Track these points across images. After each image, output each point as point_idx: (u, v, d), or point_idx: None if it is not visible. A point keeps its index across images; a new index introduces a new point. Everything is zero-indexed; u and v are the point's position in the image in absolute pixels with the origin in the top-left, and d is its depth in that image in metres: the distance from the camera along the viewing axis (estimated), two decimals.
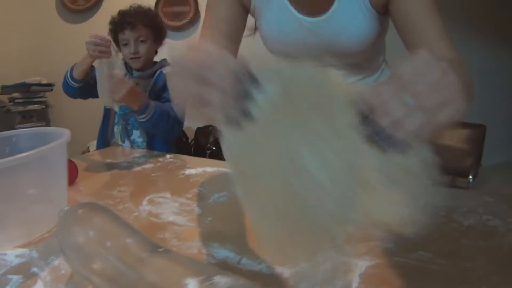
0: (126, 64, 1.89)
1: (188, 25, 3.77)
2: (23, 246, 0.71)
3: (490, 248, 0.69)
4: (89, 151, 2.94)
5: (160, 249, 0.52)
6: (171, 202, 0.93)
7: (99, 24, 3.77)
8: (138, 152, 1.55)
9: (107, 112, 1.90)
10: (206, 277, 0.43)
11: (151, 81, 1.82)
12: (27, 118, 3.58)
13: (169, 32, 3.41)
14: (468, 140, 2.72)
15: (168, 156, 1.43)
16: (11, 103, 3.48)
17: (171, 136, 1.82)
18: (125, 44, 1.80)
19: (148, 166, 1.31)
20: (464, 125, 2.77)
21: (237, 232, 0.74)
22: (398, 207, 0.43)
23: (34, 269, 0.62)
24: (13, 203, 0.72)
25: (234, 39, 1.10)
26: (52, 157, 0.77)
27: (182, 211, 0.88)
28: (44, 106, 3.66)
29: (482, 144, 2.68)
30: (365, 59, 1.12)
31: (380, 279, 0.58)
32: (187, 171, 1.21)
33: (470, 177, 2.58)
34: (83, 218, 0.60)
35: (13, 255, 0.68)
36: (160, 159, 1.39)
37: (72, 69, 1.69)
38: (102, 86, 1.52)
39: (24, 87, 3.47)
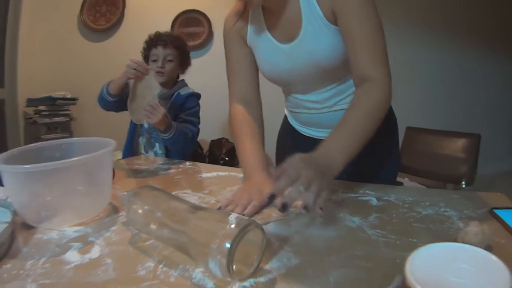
0: None
1: (202, 45, 3.96)
2: (78, 225, 0.91)
3: (438, 230, 0.85)
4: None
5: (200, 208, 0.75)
6: (192, 196, 1.15)
7: (118, 43, 3.99)
8: (161, 160, 1.75)
9: (134, 126, 2.12)
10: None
11: (169, 101, 2.05)
12: (52, 129, 3.73)
13: None
14: (463, 148, 2.83)
15: (187, 163, 1.64)
16: (37, 115, 3.62)
17: (186, 153, 2.06)
18: (154, 60, 2.06)
19: (171, 171, 1.52)
20: (460, 134, 2.90)
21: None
22: None
23: (91, 238, 0.84)
24: (70, 195, 0.94)
25: (253, 77, 1.38)
26: (102, 161, 0.98)
27: (201, 202, 1.09)
28: (68, 119, 3.81)
29: (477, 153, 2.76)
30: (340, 72, 1.24)
31: (343, 244, 0.79)
32: (204, 175, 1.42)
33: (463, 183, 2.65)
34: (139, 195, 0.85)
35: (71, 231, 0.88)
36: (181, 166, 1.60)
37: (108, 84, 1.89)
38: (134, 103, 1.67)
39: (50, 101, 3.63)
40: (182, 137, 1.92)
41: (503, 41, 4.35)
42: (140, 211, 0.82)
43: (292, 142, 1.54)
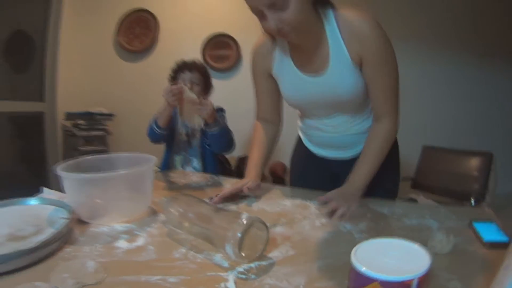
0: None
1: (231, 67, 4.12)
2: (124, 222, 1.14)
3: (414, 236, 0.97)
4: None
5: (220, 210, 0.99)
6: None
7: (152, 64, 4.21)
8: (194, 174, 2.01)
9: (170, 144, 2.35)
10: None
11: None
12: (89, 142, 3.93)
13: (214, 73, 3.83)
14: (476, 167, 2.93)
15: (216, 178, 1.88)
16: (76, 128, 3.83)
17: (226, 151, 2.31)
18: (183, 83, 2.25)
19: (202, 183, 1.76)
20: (473, 153, 3.01)
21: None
22: None
23: (136, 232, 1.06)
24: (118, 199, 1.17)
25: (276, 103, 1.65)
26: (145, 173, 1.21)
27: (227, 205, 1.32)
28: (104, 133, 4.01)
29: (488, 171, 2.87)
30: (360, 107, 1.46)
31: (332, 243, 0.99)
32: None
33: (472, 200, 2.72)
34: (176, 201, 1.09)
35: (119, 226, 1.11)
36: (210, 180, 1.84)
37: (155, 120, 2.15)
38: (183, 115, 2.00)
39: (88, 116, 3.84)
40: (227, 133, 2.17)
41: None
42: (175, 212, 1.05)
43: (305, 161, 1.74)
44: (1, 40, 3.18)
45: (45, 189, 1.44)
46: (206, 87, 2.40)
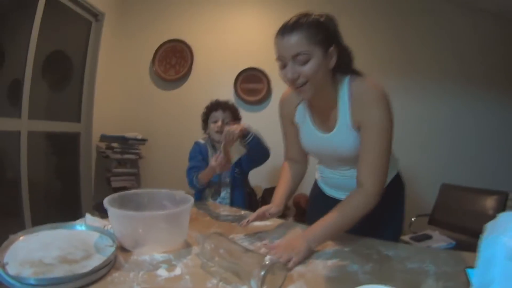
0: (211, 142, 2.58)
1: (262, 100, 4.27)
2: (163, 253, 1.31)
3: (409, 279, 1.16)
4: None
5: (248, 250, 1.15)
6: (245, 239, 1.55)
7: (186, 93, 4.40)
8: (223, 207, 2.20)
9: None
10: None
11: None
12: (122, 164, 4.10)
13: (245, 106, 4.02)
14: (492, 205, 3.04)
15: (242, 212, 2.07)
16: (110, 151, 3.98)
17: (265, 157, 2.45)
18: (215, 122, 2.51)
19: (229, 217, 1.96)
20: (489, 192, 3.13)
21: None
22: None
23: (174, 262, 1.23)
24: (158, 232, 1.34)
25: (299, 140, 1.77)
26: (183, 212, 1.39)
27: (250, 244, 1.49)
28: (137, 157, 4.17)
29: (503, 209, 2.94)
30: (355, 158, 1.55)
31: (339, 281, 1.15)
32: (255, 223, 1.73)
33: None
34: (209, 238, 1.26)
35: (158, 256, 1.28)
36: (237, 214, 2.03)
37: (196, 177, 2.33)
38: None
39: (123, 140, 4.01)
40: (260, 143, 2.30)
41: None
42: (209, 247, 1.23)
43: (319, 201, 1.91)
44: (40, 58, 3.32)
45: (88, 216, 1.60)
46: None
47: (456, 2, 4.26)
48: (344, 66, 1.48)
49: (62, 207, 4.01)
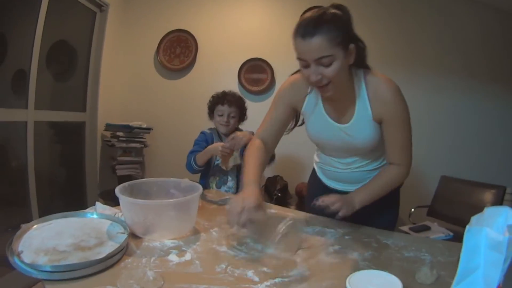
0: (217, 132, 2.62)
1: (265, 90, 4.32)
2: (173, 239, 1.38)
3: (406, 267, 1.23)
4: None
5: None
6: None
7: (190, 82, 4.42)
8: (228, 195, 2.26)
9: (207, 167, 2.56)
10: None
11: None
12: (127, 152, 4.14)
13: (249, 95, 4.06)
14: (488, 199, 3.10)
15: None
16: (115, 139, 4.02)
17: (269, 164, 2.45)
18: (220, 115, 2.54)
19: None
20: (487, 185, 3.18)
21: None
22: None
23: (183, 248, 1.30)
24: (168, 219, 1.40)
25: (279, 132, 1.81)
26: (191, 200, 1.45)
27: None
28: (142, 145, 4.21)
29: (500, 203, 3.01)
30: (371, 152, 1.70)
31: (340, 267, 1.21)
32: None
33: None
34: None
35: (169, 242, 1.36)
36: None
37: (195, 158, 2.42)
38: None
39: (128, 128, 4.04)
40: None
41: None
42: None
43: (318, 191, 1.85)
44: (44, 48, 3.34)
45: (98, 204, 1.65)
46: (240, 119, 2.65)
47: None
48: (360, 60, 1.54)
49: (68, 195, 4.07)
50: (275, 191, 3.75)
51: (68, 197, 4.07)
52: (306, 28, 1.35)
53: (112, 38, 4.33)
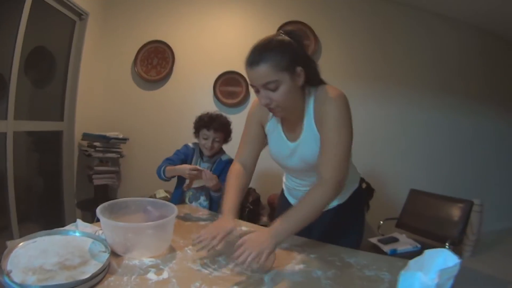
0: (200, 149, 2.70)
1: (240, 103, 4.42)
2: (151, 258, 1.47)
3: (368, 284, 1.34)
4: (156, 198, 3.69)
5: None
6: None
7: (166, 93, 4.51)
8: (202, 211, 2.37)
9: (182, 181, 2.66)
10: None
11: (213, 166, 2.64)
12: (104, 162, 4.17)
13: (224, 108, 4.14)
14: (455, 213, 3.19)
15: (220, 215, 2.14)
16: (92, 149, 4.04)
17: (217, 199, 2.54)
18: (205, 139, 2.61)
19: (207, 222, 2.11)
20: (455, 200, 3.27)
21: None
22: None
23: (161, 266, 1.40)
24: (146, 238, 1.49)
25: (256, 150, 1.89)
26: (170, 222, 1.55)
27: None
28: (119, 155, 4.25)
29: (467, 217, 3.11)
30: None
31: (302, 284, 1.32)
32: None
33: (447, 244, 2.96)
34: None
35: (147, 260, 1.45)
36: (215, 218, 2.17)
37: (165, 169, 2.49)
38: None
39: (105, 139, 4.08)
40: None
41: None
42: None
43: (284, 208, 1.90)
44: (23, 54, 3.31)
45: (79, 221, 1.72)
46: (224, 141, 2.74)
47: (438, 14, 4.42)
48: (312, 79, 1.61)
49: (46, 203, 4.11)
50: (247, 203, 3.82)
51: (46, 205, 4.11)
52: (253, 57, 1.47)
53: (91, 47, 4.35)
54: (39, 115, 3.83)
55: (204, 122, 2.64)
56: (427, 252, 1.11)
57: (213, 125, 2.61)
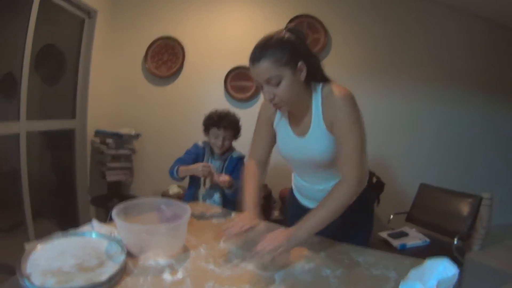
0: (211, 147, 2.74)
1: (251, 97, 4.43)
2: (166, 258, 1.51)
3: (371, 285, 1.37)
4: (169, 193, 3.80)
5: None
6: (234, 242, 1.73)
7: (177, 89, 4.55)
8: (215, 209, 2.41)
9: (194, 179, 2.72)
10: None
11: (224, 163, 2.69)
12: (116, 158, 4.21)
13: (234, 102, 4.16)
14: (465, 208, 3.21)
15: (233, 214, 2.26)
16: (105, 146, 4.10)
17: (233, 198, 2.57)
18: (216, 137, 2.65)
19: (221, 220, 2.16)
20: (464, 195, 3.29)
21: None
22: None
23: (176, 266, 1.45)
24: (160, 238, 1.54)
25: (269, 146, 1.98)
26: (183, 223, 1.60)
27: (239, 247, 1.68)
28: (131, 152, 4.29)
29: (476, 212, 3.13)
30: (332, 165, 1.72)
31: (312, 283, 1.37)
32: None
33: (455, 239, 2.99)
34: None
35: (162, 261, 1.49)
36: (229, 216, 2.23)
37: (178, 169, 2.53)
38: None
39: (117, 136, 4.13)
40: (239, 190, 2.50)
41: None
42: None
43: (294, 209, 2.06)
44: (33, 52, 3.34)
45: (95, 222, 1.78)
46: (234, 138, 2.77)
47: (449, 6, 4.38)
48: (314, 73, 1.65)
49: (60, 200, 4.19)
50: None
51: (60, 202, 4.19)
52: (254, 54, 1.56)
53: (101, 44, 4.38)
54: (51, 114, 3.89)
55: (214, 121, 2.68)
56: (429, 262, 1.14)
57: (222, 123, 2.65)
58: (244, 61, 4.28)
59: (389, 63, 4.46)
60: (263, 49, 1.53)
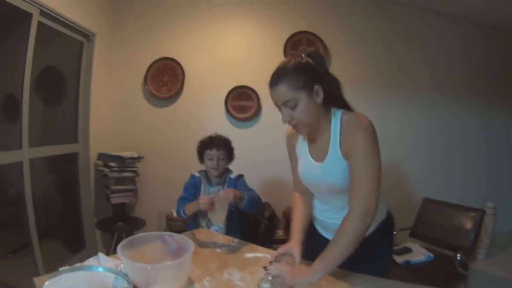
0: (206, 173, 2.78)
1: (252, 117, 4.42)
2: None
3: None
4: (173, 215, 3.76)
5: None
6: (237, 274, 1.76)
7: (178, 110, 4.57)
8: (217, 236, 2.40)
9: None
10: None
11: (224, 186, 2.72)
12: (120, 181, 4.21)
13: (235, 122, 4.19)
14: (468, 221, 3.20)
15: (235, 241, 2.26)
16: (108, 170, 4.10)
17: (258, 208, 2.70)
18: (210, 159, 2.70)
19: (224, 248, 2.15)
20: (467, 208, 3.29)
21: None
22: None
23: None
24: (165, 272, 1.56)
25: None
26: (187, 258, 1.61)
27: (242, 280, 1.70)
28: (134, 174, 4.28)
29: (479, 226, 3.13)
30: (344, 191, 1.69)
31: None
32: (246, 255, 2.02)
33: (458, 255, 2.99)
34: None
35: None
36: (232, 244, 2.23)
37: (183, 209, 2.62)
38: (213, 217, 2.58)
39: (120, 159, 4.12)
40: (252, 198, 2.59)
41: None
42: None
43: (313, 240, 2.01)
44: (32, 74, 3.31)
45: (101, 255, 1.80)
46: (229, 159, 2.81)
47: (449, 14, 4.42)
48: (333, 97, 1.69)
49: (66, 223, 4.21)
50: (263, 219, 3.84)
51: (66, 225, 4.21)
52: (272, 78, 1.62)
53: (101, 66, 4.39)
54: (53, 139, 3.90)
55: (206, 144, 2.77)
56: None
57: (214, 143, 2.74)
58: (244, 80, 4.39)
59: (389, 74, 4.49)
60: (280, 74, 1.59)
